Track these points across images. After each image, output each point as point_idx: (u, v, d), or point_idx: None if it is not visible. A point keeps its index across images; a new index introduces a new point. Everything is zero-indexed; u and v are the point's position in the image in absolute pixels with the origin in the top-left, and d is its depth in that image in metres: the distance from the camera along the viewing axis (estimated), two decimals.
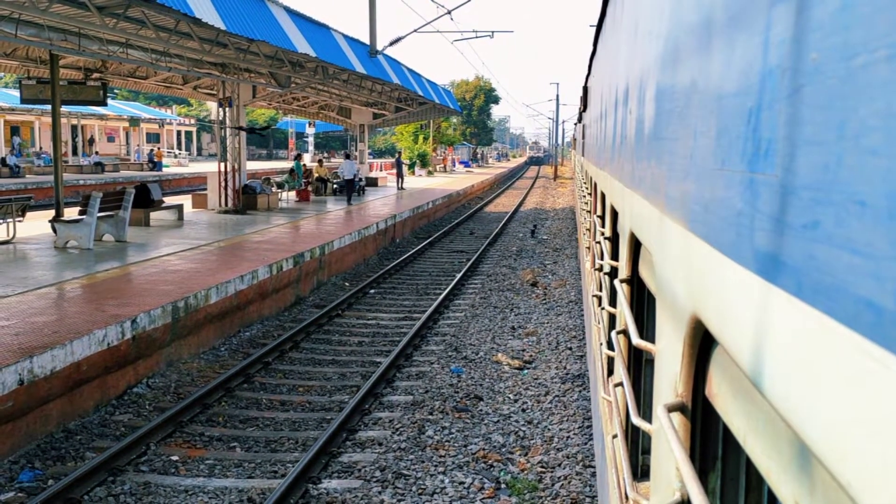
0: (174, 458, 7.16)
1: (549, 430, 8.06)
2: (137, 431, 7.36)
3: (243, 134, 22.09)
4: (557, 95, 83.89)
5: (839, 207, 0.70)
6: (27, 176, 35.62)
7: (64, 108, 22.92)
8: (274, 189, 24.31)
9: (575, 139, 34.95)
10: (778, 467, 0.86)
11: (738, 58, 1.07)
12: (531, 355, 10.88)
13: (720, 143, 1.16)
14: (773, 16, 0.91)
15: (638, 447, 2.62)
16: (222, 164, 21.62)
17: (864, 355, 0.63)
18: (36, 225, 16.12)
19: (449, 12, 24.85)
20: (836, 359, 0.69)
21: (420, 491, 6.56)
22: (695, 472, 1.04)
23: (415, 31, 25.65)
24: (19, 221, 14.69)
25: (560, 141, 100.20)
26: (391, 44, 24.66)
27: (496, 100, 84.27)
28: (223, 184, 21.61)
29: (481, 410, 8.58)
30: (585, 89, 12.69)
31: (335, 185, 29.12)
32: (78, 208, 14.42)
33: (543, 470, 7.10)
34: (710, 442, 1.37)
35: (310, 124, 57.45)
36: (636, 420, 1.72)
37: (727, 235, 1.07)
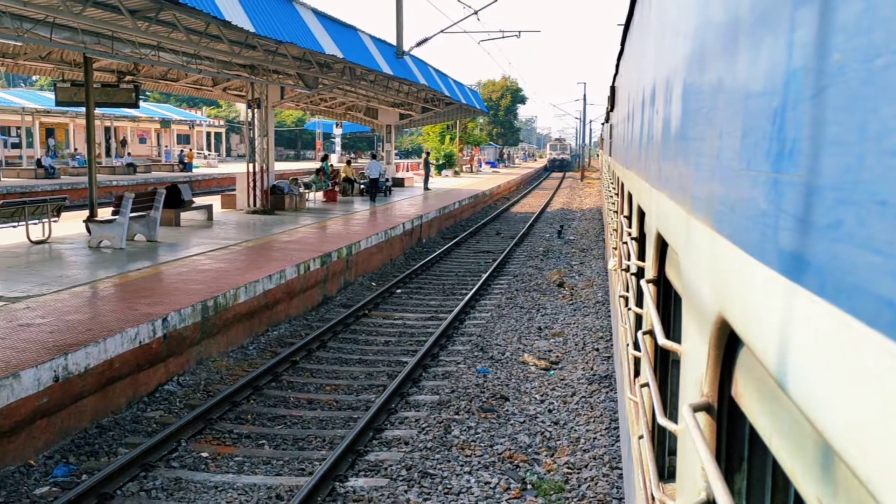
0: (204, 454, 7.25)
1: (575, 430, 8.04)
2: (168, 428, 7.47)
3: (272, 135, 22.30)
4: (585, 95, 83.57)
5: (861, 207, 0.71)
6: (62, 177, 36.26)
7: (97, 111, 23.31)
8: (301, 189, 24.50)
9: (602, 139, 34.75)
10: (802, 467, 0.87)
11: (763, 58, 1.08)
12: (558, 356, 10.85)
13: (746, 143, 1.16)
14: (797, 16, 0.92)
15: (664, 448, 2.61)
16: (251, 165, 21.84)
17: (885, 354, 0.64)
18: (70, 225, 16.42)
19: (475, 13, 24.85)
20: (857, 358, 0.69)
21: (446, 490, 6.59)
22: (720, 472, 1.04)
23: (441, 31, 25.68)
24: (54, 221, 14.97)
25: (587, 141, 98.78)
26: (418, 44, 24.73)
27: (523, 100, 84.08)
28: (252, 184, 21.83)
29: (507, 411, 8.58)
30: (613, 89, 12.62)
31: (362, 186, 29.28)
32: (111, 209, 14.67)
33: (570, 471, 7.08)
34: (736, 442, 1.37)
35: (337, 125, 57.82)
36: (662, 420, 1.73)
37: (752, 235, 1.08)
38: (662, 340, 1.95)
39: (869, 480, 0.65)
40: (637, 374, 3.17)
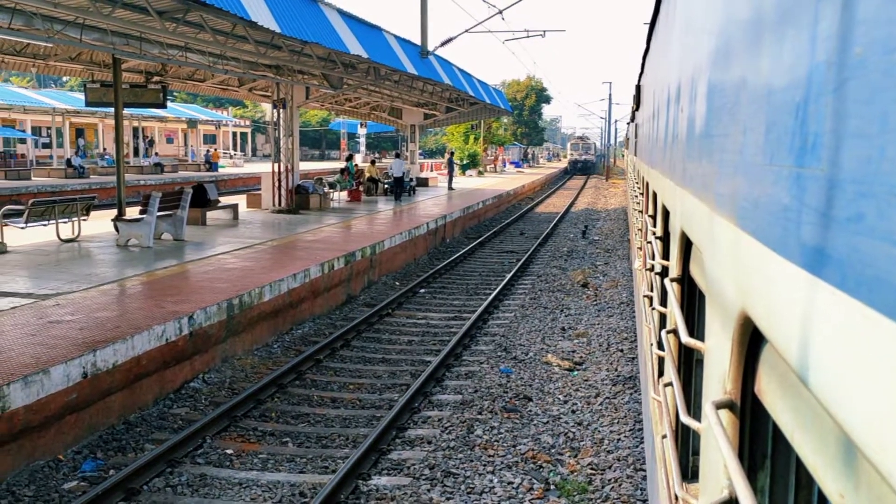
0: (229, 451, 7.32)
1: (599, 431, 8.00)
2: (194, 425, 7.55)
3: (297, 135, 22.45)
4: (610, 94, 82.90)
5: (880, 200, 0.71)
6: (91, 176, 36.81)
7: (126, 111, 23.63)
8: (326, 189, 24.64)
9: (628, 139, 34.55)
10: (824, 463, 0.86)
11: (786, 53, 1.08)
12: (581, 356, 10.80)
13: (769, 139, 1.16)
14: (820, 10, 0.91)
15: (688, 448, 2.60)
16: (276, 165, 22.00)
17: None
18: (99, 224, 16.65)
19: (500, 12, 24.81)
20: (878, 351, 0.69)
21: (469, 490, 6.59)
22: (742, 469, 1.04)
23: (466, 31, 25.68)
24: (84, 220, 15.20)
25: (613, 140, 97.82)
26: (442, 44, 24.75)
27: (547, 99, 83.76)
28: (277, 184, 21.99)
29: (530, 411, 8.56)
30: (638, 88, 12.55)
31: (386, 185, 29.40)
32: (139, 208, 14.86)
33: (593, 472, 7.05)
34: (760, 440, 1.36)
35: (361, 125, 58.04)
36: (685, 419, 1.72)
37: (775, 231, 1.08)
38: (686, 338, 1.94)
39: (890, 474, 0.64)
40: (661, 373, 3.15)
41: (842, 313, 0.79)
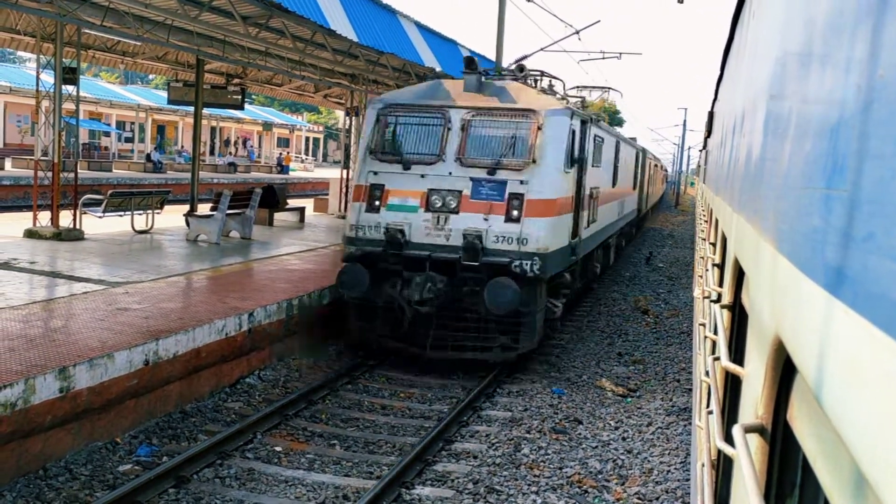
0: (277, 448, 7.45)
1: (649, 461, 7.84)
2: (246, 420, 7.71)
3: None
4: (685, 121, 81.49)
5: (886, 218, 0.71)
6: (168, 172, 38.08)
7: (205, 111, 24.40)
8: None
9: (699, 166, 33.89)
10: (840, 493, 0.85)
11: (828, 77, 1.08)
12: (636, 383, 10.62)
13: (807, 162, 1.16)
14: (857, 34, 0.92)
15: (729, 477, 2.54)
16: (345, 171, 22.35)
17: None
18: (172, 218, 17.20)
19: (577, 32, 24.70)
20: (884, 372, 0.68)
21: None
22: (761, 494, 1.02)
23: (541, 49, 25.66)
24: (158, 213, 15.75)
25: (685, 167, 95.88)
26: (517, 62, 24.77)
27: (620, 122, 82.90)
28: (344, 190, 22.33)
29: (580, 434, 8.45)
30: (710, 114, 12.33)
31: None
32: (210, 205, 15.31)
33: (640, 502, 6.91)
34: (790, 468, 1.33)
35: None
36: (721, 444, 1.69)
37: (805, 252, 1.08)
38: (725, 362, 1.91)
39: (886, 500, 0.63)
40: (709, 402, 3.09)
41: (851, 332, 0.78)
